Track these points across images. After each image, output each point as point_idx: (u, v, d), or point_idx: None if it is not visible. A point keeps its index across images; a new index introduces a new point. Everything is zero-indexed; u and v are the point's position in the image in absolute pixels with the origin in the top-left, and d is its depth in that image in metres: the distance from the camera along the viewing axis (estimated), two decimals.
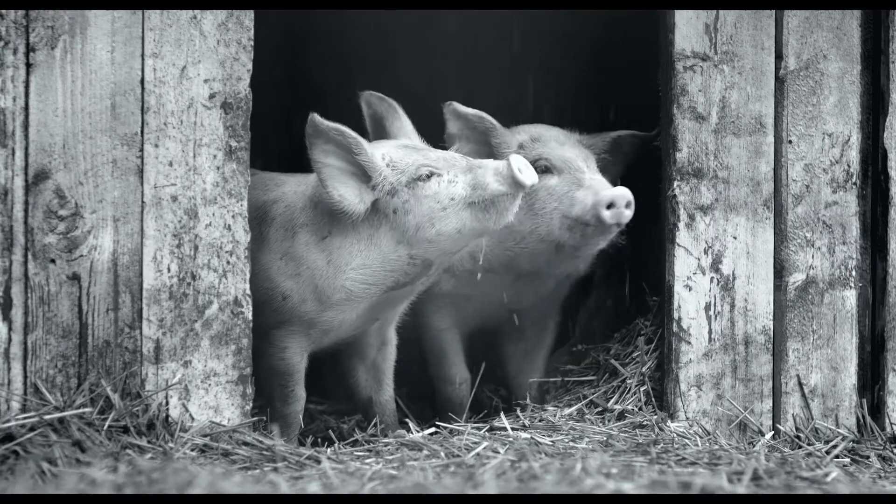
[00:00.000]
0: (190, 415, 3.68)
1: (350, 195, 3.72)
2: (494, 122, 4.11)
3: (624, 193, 3.91)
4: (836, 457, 3.85)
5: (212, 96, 3.68)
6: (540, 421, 3.96)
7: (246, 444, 3.63)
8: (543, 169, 4.03)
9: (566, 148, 4.09)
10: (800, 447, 3.91)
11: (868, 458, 3.87)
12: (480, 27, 5.40)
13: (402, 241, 3.74)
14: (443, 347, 4.32)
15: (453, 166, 3.73)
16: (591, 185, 3.98)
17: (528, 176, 3.68)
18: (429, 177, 3.72)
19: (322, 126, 3.69)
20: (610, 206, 3.92)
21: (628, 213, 3.93)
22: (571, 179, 4.02)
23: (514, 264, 4.14)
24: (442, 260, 3.81)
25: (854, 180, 4.03)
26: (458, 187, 3.70)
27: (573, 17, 4.85)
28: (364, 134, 3.91)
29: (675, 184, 3.96)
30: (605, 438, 3.79)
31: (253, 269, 3.78)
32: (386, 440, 3.80)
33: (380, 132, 3.99)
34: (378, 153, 3.76)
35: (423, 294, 4.15)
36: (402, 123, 3.95)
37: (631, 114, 4.42)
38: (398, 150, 3.79)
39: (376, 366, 4.12)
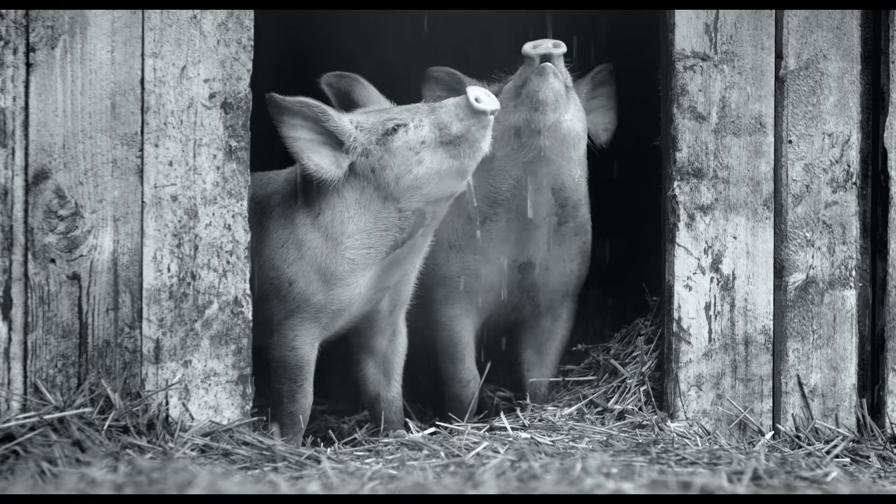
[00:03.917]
0: (190, 415, 3.68)
1: (325, 163, 3.79)
2: (461, 75, 4.22)
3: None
4: (836, 457, 3.85)
5: (212, 96, 3.68)
6: (540, 421, 3.96)
7: (246, 443, 3.63)
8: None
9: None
10: (800, 447, 3.91)
11: (868, 458, 3.87)
12: (480, 26, 5.40)
13: (387, 197, 3.79)
14: (454, 340, 4.28)
15: (416, 113, 3.80)
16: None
17: (487, 103, 3.72)
18: (395, 129, 3.79)
19: (283, 103, 3.78)
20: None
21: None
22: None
23: (497, 193, 4.12)
24: (434, 209, 3.83)
25: (854, 180, 4.03)
26: (425, 130, 3.76)
27: (573, 16, 4.85)
28: None
29: (675, 184, 3.97)
30: (605, 438, 3.79)
31: (258, 262, 3.81)
32: (386, 440, 3.80)
33: (350, 108, 4.02)
34: (346, 118, 3.84)
35: (432, 282, 4.16)
36: (369, 92, 4.04)
37: (631, 113, 4.42)
38: (365, 114, 3.88)
39: (386, 359, 4.12)
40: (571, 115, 4.01)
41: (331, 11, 5.04)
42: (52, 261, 3.58)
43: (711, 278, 3.98)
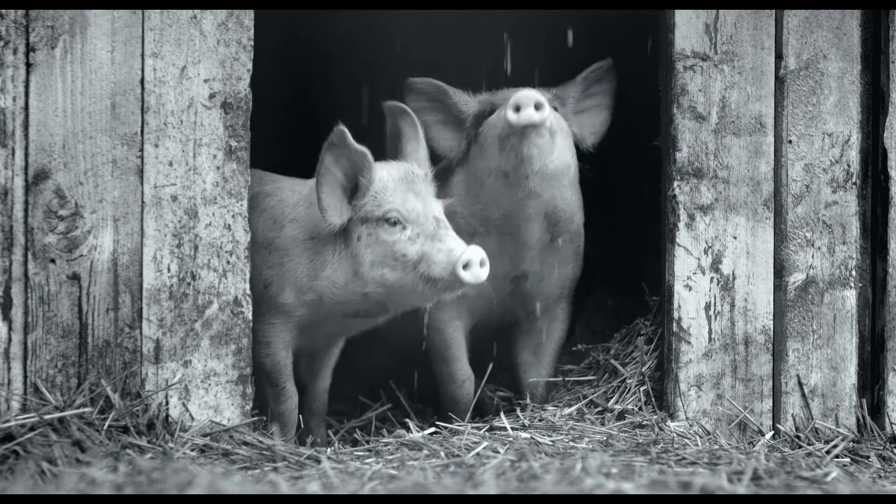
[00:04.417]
0: (190, 414, 3.68)
1: (333, 206, 3.78)
2: (444, 85, 4.18)
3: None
4: (836, 457, 3.85)
5: (212, 96, 3.68)
6: (540, 421, 3.96)
7: (246, 443, 3.63)
8: (489, 112, 4.08)
9: (521, 91, 4.10)
10: (800, 447, 3.91)
11: (868, 458, 3.87)
12: (481, 26, 5.40)
13: (356, 272, 3.81)
14: (446, 342, 4.29)
15: (420, 225, 3.78)
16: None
17: (473, 274, 3.70)
18: (394, 223, 3.78)
19: (349, 143, 3.74)
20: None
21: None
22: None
23: (489, 217, 4.10)
24: (396, 306, 3.89)
25: (854, 180, 4.03)
26: (413, 249, 3.76)
27: (571, 17, 4.85)
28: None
29: (675, 184, 3.97)
30: (605, 438, 3.79)
31: None
32: (386, 440, 3.81)
33: (395, 146, 4.00)
34: (379, 176, 3.81)
35: None
36: (418, 146, 3.96)
37: (631, 113, 4.42)
38: (393, 181, 3.83)
39: (318, 357, 4.21)
40: (558, 152, 3.98)
41: (331, 11, 5.03)
42: (52, 261, 3.58)
43: (711, 278, 3.98)
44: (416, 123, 3.97)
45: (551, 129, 3.95)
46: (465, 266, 3.69)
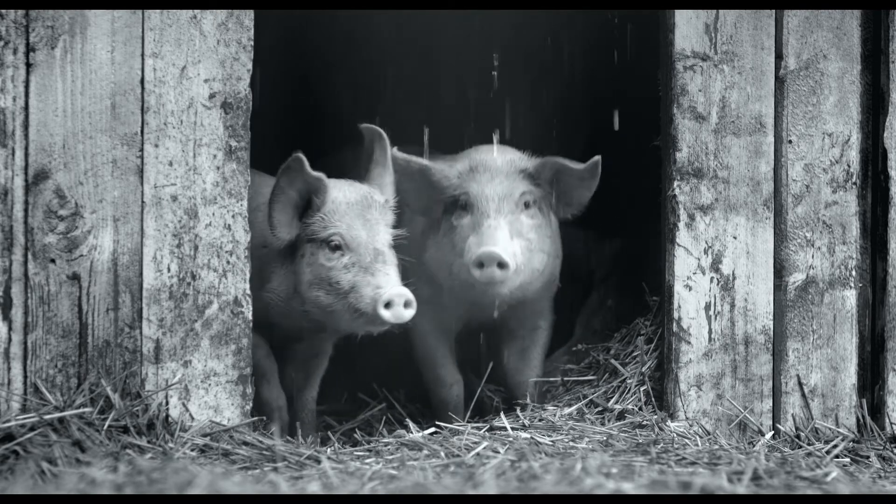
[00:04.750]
0: (190, 414, 3.68)
1: (282, 223, 3.83)
2: (425, 163, 4.12)
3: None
4: (836, 457, 3.85)
5: (212, 96, 3.68)
6: (540, 421, 3.96)
7: (246, 443, 3.63)
8: (463, 205, 4.07)
9: (494, 183, 4.08)
10: (800, 447, 3.91)
11: (868, 458, 3.87)
12: (481, 27, 5.40)
13: (297, 290, 3.86)
14: (429, 351, 4.33)
15: (359, 255, 3.81)
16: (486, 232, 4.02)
17: (395, 314, 3.73)
18: (335, 248, 3.82)
19: (306, 170, 3.78)
20: None
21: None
22: (480, 216, 4.05)
23: (457, 293, 4.13)
24: (333, 328, 3.93)
25: (854, 180, 4.03)
26: (346, 278, 3.80)
27: (571, 19, 4.85)
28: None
29: (675, 184, 3.96)
30: (605, 438, 3.79)
31: None
32: (386, 440, 3.81)
33: (366, 167, 4.01)
34: (332, 198, 3.84)
35: None
36: (384, 171, 3.99)
37: (631, 114, 4.42)
38: (346, 204, 3.86)
39: (306, 366, 4.21)
40: (526, 272, 4.02)
41: (331, 11, 5.04)
42: (52, 261, 3.58)
43: (711, 278, 3.98)
44: (386, 148, 3.98)
45: (517, 267, 3.96)
46: (388, 305, 3.72)
